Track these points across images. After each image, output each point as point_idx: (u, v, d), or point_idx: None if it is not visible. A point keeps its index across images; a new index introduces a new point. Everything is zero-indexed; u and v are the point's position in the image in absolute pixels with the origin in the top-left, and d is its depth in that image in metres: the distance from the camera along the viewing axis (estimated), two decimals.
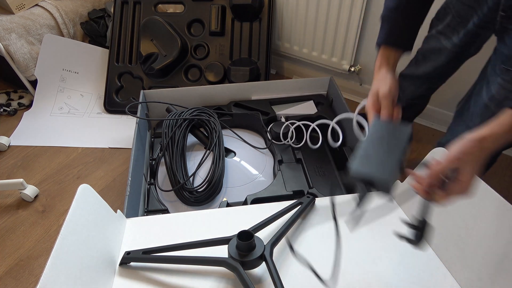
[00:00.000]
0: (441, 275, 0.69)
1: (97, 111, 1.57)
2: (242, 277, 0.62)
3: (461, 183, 0.54)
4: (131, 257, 0.71)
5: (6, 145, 1.40)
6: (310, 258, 0.68)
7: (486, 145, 0.53)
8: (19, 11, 1.54)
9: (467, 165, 0.53)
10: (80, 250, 0.61)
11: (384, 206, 0.84)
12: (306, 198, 0.83)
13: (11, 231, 1.12)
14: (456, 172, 0.54)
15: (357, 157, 0.61)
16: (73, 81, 1.63)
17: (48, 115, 1.55)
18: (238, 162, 1.12)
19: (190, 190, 0.99)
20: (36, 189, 1.22)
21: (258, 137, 1.26)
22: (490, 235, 0.63)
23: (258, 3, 1.49)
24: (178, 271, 0.70)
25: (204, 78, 1.54)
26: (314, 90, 1.34)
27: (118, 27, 1.58)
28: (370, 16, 1.38)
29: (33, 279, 1.00)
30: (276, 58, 1.77)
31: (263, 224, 0.74)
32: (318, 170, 1.17)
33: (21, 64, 1.51)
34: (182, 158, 1.06)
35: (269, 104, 1.29)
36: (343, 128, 1.21)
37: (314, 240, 0.76)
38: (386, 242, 0.75)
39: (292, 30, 1.59)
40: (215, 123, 1.13)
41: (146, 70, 1.54)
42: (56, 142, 1.43)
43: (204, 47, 1.55)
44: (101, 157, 1.37)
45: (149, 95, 1.27)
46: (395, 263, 0.71)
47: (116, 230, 0.76)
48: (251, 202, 0.95)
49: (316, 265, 0.65)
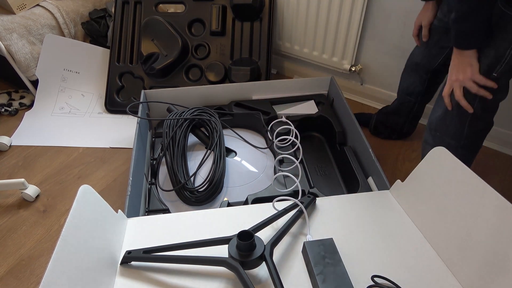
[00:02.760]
0: (442, 274, 0.69)
1: (98, 111, 1.58)
2: (242, 277, 0.62)
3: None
4: (132, 256, 0.71)
5: (8, 145, 1.41)
6: None
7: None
8: (20, 11, 1.54)
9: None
10: (81, 250, 0.62)
11: (384, 206, 0.84)
12: (307, 198, 0.83)
13: (13, 231, 1.12)
14: None
15: None
16: (74, 81, 1.63)
17: (49, 115, 1.55)
18: (239, 162, 1.13)
19: (191, 190, 0.99)
20: (37, 189, 1.23)
21: (259, 137, 1.26)
22: (491, 234, 0.63)
23: (258, 2, 1.49)
24: (179, 270, 0.70)
25: (205, 78, 1.54)
26: (315, 90, 1.34)
27: (119, 27, 1.59)
28: (371, 16, 1.38)
29: (34, 278, 1.01)
30: (277, 57, 1.77)
31: (264, 224, 0.74)
32: (319, 169, 1.17)
33: (22, 64, 1.51)
34: (183, 158, 1.06)
35: (270, 104, 1.29)
36: (344, 127, 1.21)
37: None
38: (386, 242, 0.75)
39: (293, 29, 1.59)
40: (216, 123, 1.13)
41: (147, 70, 1.54)
42: (57, 142, 1.43)
43: (205, 47, 1.56)
44: (102, 157, 1.37)
45: (150, 95, 1.27)
46: (395, 263, 0.71)
47: (117, 230, 0.76)
48: (252, 202, 0.95)
49: None
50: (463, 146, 0.96)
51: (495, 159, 1.34)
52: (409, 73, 1.22)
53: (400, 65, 1.34)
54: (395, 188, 0.86)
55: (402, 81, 1.27)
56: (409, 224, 0.79)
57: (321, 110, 1.27)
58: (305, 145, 1.25)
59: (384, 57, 1.45)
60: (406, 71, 1.24)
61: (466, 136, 0.94)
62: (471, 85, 0.83)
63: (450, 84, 0.88)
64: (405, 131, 1.40)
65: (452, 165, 0.72)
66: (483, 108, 0.88)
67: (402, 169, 1.31)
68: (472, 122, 0.91)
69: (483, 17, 0.77)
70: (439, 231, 0.73)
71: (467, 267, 0.66)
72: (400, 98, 1.30)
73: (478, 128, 0.94)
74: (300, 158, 1.07)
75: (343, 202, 0.85)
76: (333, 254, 0.68)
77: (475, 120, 0.91)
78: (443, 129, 0.96)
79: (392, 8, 1.31)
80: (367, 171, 1.04)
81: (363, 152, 1.05)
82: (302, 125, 1.24)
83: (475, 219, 0.66)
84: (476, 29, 0.78)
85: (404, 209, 0.83)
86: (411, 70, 1.21)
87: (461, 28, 0.79)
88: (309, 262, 0.67)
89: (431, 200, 0.75)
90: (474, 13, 0.76)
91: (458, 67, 0.85)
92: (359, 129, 1.07)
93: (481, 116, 0.90)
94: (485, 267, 0.62)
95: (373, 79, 1.55)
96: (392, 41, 1.39)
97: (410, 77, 1.22)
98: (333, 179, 1.14)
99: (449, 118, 0.94)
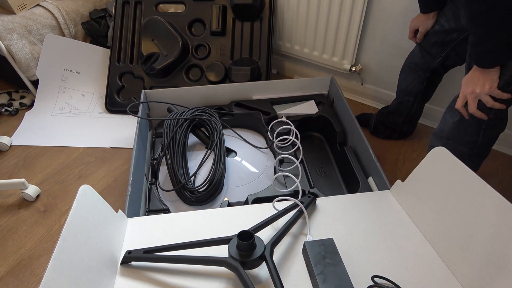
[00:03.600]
0: (442, 274, 0.69)
1: (98, 111, 1.58)
2: (242, 277, 0.62)
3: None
4: (132, 256, 0.71)
5: (8, 145, 1.41)
6: None
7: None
8: (21, 11, 1.54)
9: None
10: (82, 250, 0.62)
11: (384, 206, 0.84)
12: (307, 198, 0.83)
13: (13, 231, 1.12)
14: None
15: None
16: (75, 81, 1.64)
17: (50, 115, 1.55)
18: (239, 162, 1.13)
19: (191, 190, 0.99)
20: (38, 189, 1.23)
21: (259, 137, 1.26)
22: (492, 234, 0.63)
23: (259, 2, 1.49)
24: (179, 270, 0.70)
25: (205, 78, 1.54)
26: (315, 90, 1.34)
27: (119, 27, 1.59)
28: (371, 16, 1.38)
29: (34, 278, 1.01)
30: (277, 57, 1.77)
31: (264, 224, 0.74)
32: (319, 170, 1.17)
33: (22, 64, 1.51)
34: (183, 158, 1.06)
35: (270, 103, 1.29)
36: (345, 127, 1.21)
37: None
38: (387, 242, 0.75)
39: (293, 29, 1.59)
40: (216, 123, 1.13)
41: (147, 70, 1.54)
42: (58, 142, 1.43)
43: (205, 47, 1.56)
44: (102, 157, 1.37)
45: (150, 95, 1.27)
46: (396, 263, 0.71)
47: (117, 230, 0.76)
48: (252, 202, 0.95)
49: None
50: (476, 154, 0.96)
51: (495, 159, 1.34)
52: (407, 72, 1.22)
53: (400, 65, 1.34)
54: (395, 188, 0.87)
55: (401, 80, 1.27)
56: (409, 224, 0.79)
57: (321, 110, 1.27)
58: (305, 145, 1.25)
59: (384, 57, 1.45)
60: (404, 70, 1.24)
61: (480, 144, 0.94)
62: (487, 99, 0.82)
63: (464, 96, 0.86)
64: (405, 131, 1.40)
65: (452, 165, 0.72)
66: (498, 117, 0.88)
67: (402, 169, 1.31)
68: (487, 130, 0.91)
69: (501, 37, 0.75)
70: (439, 231, 0.73)
71: (467, 267, 0.66)
72: (399, 97, 1.30)
73: (492, 136, 0.93)
74: (300, 158, 1.07)
75: (343, 202, 0.85)
76: (333, 254, 0.68)
77: (490, 129, 0.91)
78: (457, 137, 0.95)
79: (392, 8, 1.31)
80: (367, 171, 1.04)
81: (363, 152, 1.05)
82: (303, 125, 1.24)
83: (475, 219, 0.66)
84: (496, 48, 0.77)
85: (404, 209, 0.83)
86: (410, 69, 1.21)
87: (480, 49, 0.78)
88: (310, 262, 0.67)
89: (431, 200, 0.75)
90: (491, 35, 0.75)
91: (476, 81, 0.83)
92: (359, 129, 1.07)
93: (496, 125, 0.90)
94: (485, 267, 0.63)
95: (373, 79, 1.55)
96: (392, 41, 1.39)
97: (409, 76, 1.22)
98: (333, 179, 1.14)
99: (463, 127, 0.93)
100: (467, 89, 0.85)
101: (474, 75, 0.83)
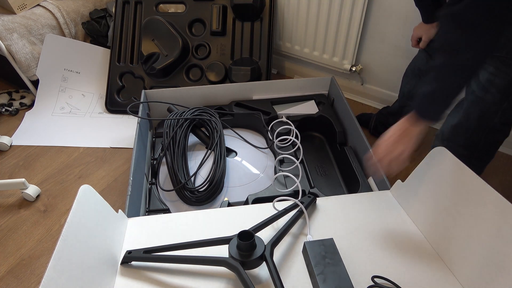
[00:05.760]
0: (442, 274, 0.69)
1: (99, 111, 1.58)
2: (243, 277, 0.62)
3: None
4: (132, 256, 0.71)
5: (8, 145, 1.41)
6: None
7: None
8: (21, 11, 1.54)
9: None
10: (82, 250, 0.62)
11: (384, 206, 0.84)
12: (307, 198, 0.83)
13: (13, 231, 1.13)
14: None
15: None
16: (75, 81, 1.64)
17: (50, 115, 1.55)
18: (239, 162, 1.13)
19: (191, 190, 0.99)
20: (38, 189, 1.23)
21: (259, 136, 1.26)
22: (492, 234, 0.63)
23: (259, 2, 1.49)
24: (179, 270, 0.70)
25: (205, 78, 1.54)
26: (316, 90, 1.34)
27: (120, 27, 1.59)
28: (371, 16, 1.38)
29: (35, 278, 1.01)
30: (277, 57, 1.77)
31: (264, 224, 0.74)
32: (319, 170, 1.17)
33: (22, 64, 1.51)
34: (183, 158, 1.06)
35: (270, 103, 1.29)
36: (345, 127, 1.21)
37: None
38: (387, 242, 0.75)
39: (293, 29, 1.59)
40: (216, 123, 1.13)
41: (147, 70, 1.54)
42: (58, 142, 1.43)
43: (205, 47, 1.56)
44: (103, 157, 1.37)
45: (150, 95, 1.27)
46: (396, 263, 0.71)
47: (118, 230, 0.76)
48: (252, 202, 0.95)
49: None
50: (476, 157, 0.94)
51: (495, 159, 1.34)
52: (411, 77, 1.22)
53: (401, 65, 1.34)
54: (396, 188, 0.87)
55: (404, 85, 1.26)
56: (409, 224, 0.79)
57: (321, 110, 1.27)
58: (306, 145, 1.25)
59: (384, 57, 1.45)
60: (408, 75, 1.23)
61: (481, 148, 0.92)
62: (397, 162, 0.73)
63: (377, 157, 0.76)
64: None
65: (452, 165, 0.72)
66: (503, 122, 0.86)
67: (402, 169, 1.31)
68: (490, 135, 0.89)
69: (454, 97, 0.68)
70: (439, 231, 0.73)
71: (467, 267, 0.66)
72: (401, 101, 1.30)
73: (495, 140, 0.92)
74: (300, 158, 1.07)
75: (344, 202, 0.85)
76: (333, 254, 0.68)
77: (494, 133, 0.89)
78: (456, 139, 0.93)
79: (392, 8, 1.31)
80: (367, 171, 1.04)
81: (364, 152, 1.05)
82: (303, 125, 1.24)
83: (475, 219, 0.66)
84: (445, 100, 0.69)
85: (404, 209, 0.83)
86: (414, 74, 1.20)
87: (429, 92, 0.69)
88: (310, 262, 0.67)
89: (431, 200, 0.75)
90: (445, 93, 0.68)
91: (399, 137, 0.73)
92: (359, 129, 1.07)
93: (500, 129, 0.89)
94: (485, 267, 0.62)
95: (374, 79, 1.55)
96: (393, 41, 1.39)
97: (412, 81, 1.21)
98: (333, 179, 1.14)
99: (462, 130, 0.91)
100: (380, 147, 0.74)
101: (400, 127, 0.73)
